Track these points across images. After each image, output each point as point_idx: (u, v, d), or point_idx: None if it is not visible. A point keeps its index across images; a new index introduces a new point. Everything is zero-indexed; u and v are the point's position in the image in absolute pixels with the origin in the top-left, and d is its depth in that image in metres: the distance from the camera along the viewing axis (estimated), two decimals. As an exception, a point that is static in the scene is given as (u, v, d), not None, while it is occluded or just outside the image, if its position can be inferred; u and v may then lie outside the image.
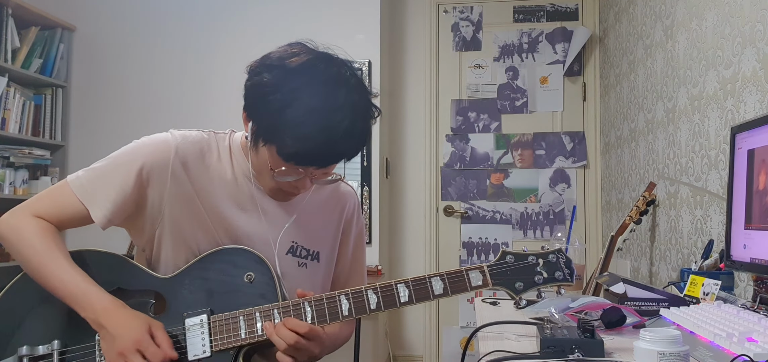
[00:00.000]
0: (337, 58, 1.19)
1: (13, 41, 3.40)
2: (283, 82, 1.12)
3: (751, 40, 1.71)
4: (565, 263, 1.18)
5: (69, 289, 1.14)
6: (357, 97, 1.15)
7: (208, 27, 3.67)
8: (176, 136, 1.25)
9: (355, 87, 1.16)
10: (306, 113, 1.10)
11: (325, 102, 1.11)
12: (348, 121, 1.11)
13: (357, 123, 1.13)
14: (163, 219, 1.23)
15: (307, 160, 1.15)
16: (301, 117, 1.10)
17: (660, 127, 2.50)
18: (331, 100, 1.11)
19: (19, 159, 3.46)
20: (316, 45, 1.20)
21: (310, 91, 1.11)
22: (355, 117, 1.13)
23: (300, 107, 1.10)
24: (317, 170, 1.18)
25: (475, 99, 3.94)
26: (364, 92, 1.18)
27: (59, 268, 1.15)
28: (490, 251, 3.84)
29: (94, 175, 1.22)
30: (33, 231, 1.17)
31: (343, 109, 1.11)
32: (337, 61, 1.18)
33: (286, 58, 1.15)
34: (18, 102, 3.42)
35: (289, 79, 1.12)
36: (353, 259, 1.43)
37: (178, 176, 1.22)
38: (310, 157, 1.14)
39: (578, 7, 3.90)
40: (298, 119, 1.10)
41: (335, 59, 1.18)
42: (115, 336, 1.10)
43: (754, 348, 0.88)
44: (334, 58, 1.18)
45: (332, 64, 1.16)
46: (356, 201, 1.44)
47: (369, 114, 1.18)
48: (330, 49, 1.21)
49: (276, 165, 1.16)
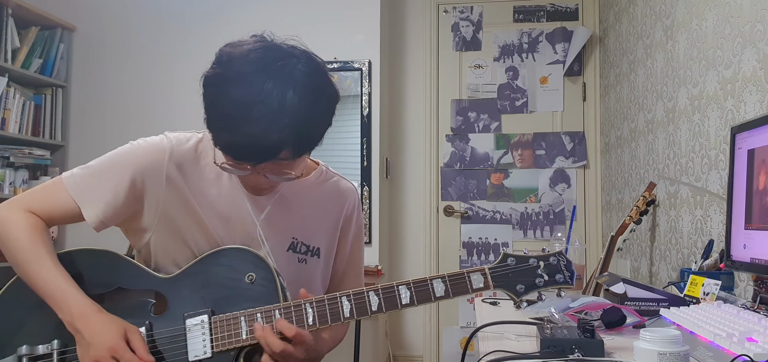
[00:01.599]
0: (287, 49, 1.10)
1: (13, 41, 3.40)
2: (218, 75, 1.08)
3: (751, 40, 1.71)
4: (565, 265, 1.18)
5: (49, 289, 1.14)
6: (293, 90, 1.05)
7: (207, 27, 3.67)
8: (171, 139, 1.25)
9: (297, 79, 1.06)
10: (230, 105, 1.05)
11: (249, 94, 1.04)
12: (271, 116, 1.03)
13: (283, 118, 1.04)
14: (159, 222, 1.23)
15: (237, 155, 1.09)
16: (225, 110, 1.05)
17: (660, 127, 2.50)
18: (255, 92, 1.04)
19: (19, 159, 3.46)
20: (272, 36, 1.12)
21: (237, 82, 1.05)
22: (282, 111, 1.04)
23: (226, 100, 1.05)
24: (264, 166, 1.11)
25: (475, 99, 3.94)
26: (309, 85, 1.07)
27: (42, 267, 1.15)
28: (490, 251, 3.84)
29: (88, 174, 1.22)
30: (21, 227, 1.17)
31: (268, 103, 1.03)
32: (281, 52, 1.09)
33: (231, 51, 1.09)
34: (18, 102, 3.42)
35: (224, 71, 1.08)
36: (350, 256, 1.43)
37: (173, 180, 1.22)
38: (238, 152, 1.08)
39: (578, 7, 3.90)
40: (224, 112, 1.05)
41: (281, 50, 1.09)
42: (90, 342, 1.09)
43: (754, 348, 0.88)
44: (280, 48, 1.10)
45: (272, 54, 1.08)
46: (356, 198, 1.44)
47: (312, 109, 1.08)
48: (291, 39, 1.13)
49: (220, 160, 1.14)
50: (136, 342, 1.11)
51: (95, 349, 1.08)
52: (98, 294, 1.17)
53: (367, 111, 3.52)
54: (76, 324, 1.11)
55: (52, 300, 1.14)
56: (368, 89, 3.53)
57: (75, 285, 1.15)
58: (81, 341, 1.11)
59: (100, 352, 1.08)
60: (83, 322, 1.11)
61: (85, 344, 1.10)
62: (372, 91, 3.54)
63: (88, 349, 1.09)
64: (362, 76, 3.53)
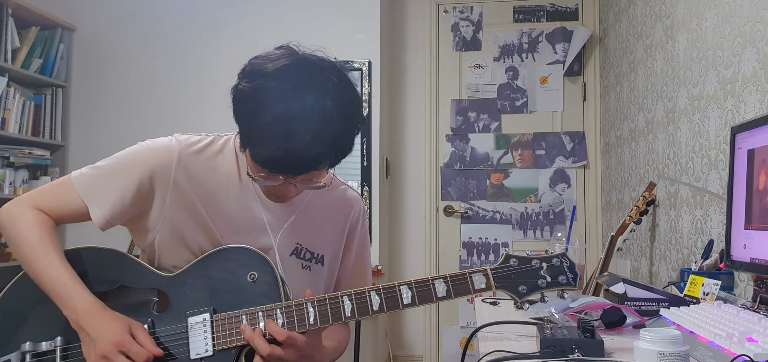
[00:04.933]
0: (317, 61, 1.13)
1: (13, 41, 3.40)
2: (256, 89, 1.08)
3: (751, 40, 1.72)
4: (568, 267, 1.18)
5: (55, 286, 1.14)
6: (331, 103, 1.07)
7: (208, 27, 3.68)
8: (180, 141, 1.25)
9: (332, 92, 1.08)
10: (272, 121, 1.06)
11: (291, 109, 1.05)
12: (314, 130, 1.05)
13: (326, 132, 1.06)
14: (164, 224, 1.23)
15: (276, 169, 1.11)
16: (267, 125, 1.06)
17: (660, 127, 2.50)
18: (298, 107, 1.05)
19: (19, 159, 3.47)
20: (301, 48, 1.15)
21: (278, 97, 1.06)
22: (324, 125, 1.06)
23: (267, 115, 1.06)
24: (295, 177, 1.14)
25: (475, 99, 3.94)
26: (343, 97, 1.10)
27: (49, 264, 1.15)
28: (490, 251, 3.85)
29: (97, 174, 1.23)
30: (30, 223, 1.18)
31: (310, 117, 1.05)
32: (314, 65, 1.11)
33: (264, 64, 1.11)
34: (18, 102, 3.42)
35: (261, 85, 1.08)
36: (356, 265, 1.43)
37: (180, 183, 1.22)
38: (278, 166, 1.10)
39: (578, 7, 3.90)
40: (265, 127, 1.06)
41: (313, 63, 1.12)
42: (95, 338, 1.09)
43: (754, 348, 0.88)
44: (312, 61, 1.12)
45: (307, 68, 1.10)
46: (362, 207, 1.44)
47: (347, 121, 1.10)
48: (318, 51, 1.15)
49: (254, 170, 1.16)
50: (142, 336, 1.12)
51: (101, 345, 1.09)
52: (102, 292, 1.18)
53: (367, 111, 3.52)
54: (80, 322, 1.11)
55: (57, 297, 1.14)
56: (368, 89, 3.54)
57: (81, 284, 1.15)
58: (85, 338, 1.11)
59: (107, 347, 1.08)
60: (87, 320, 1.11)
61: (89, 341, 1.10)
62: (372, 91, 3.54)
63: (93, 345, 1.09)
64: (362, 76, 3.54)
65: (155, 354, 1.11)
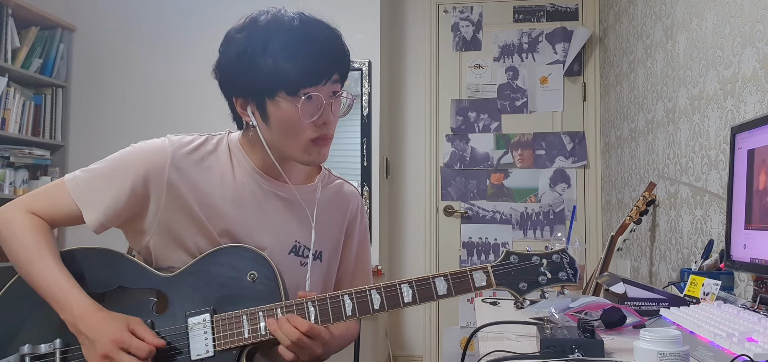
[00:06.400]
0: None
1: (13, 41, 3.40)
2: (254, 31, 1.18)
3: (751, 40, 1.72)
4: (569, 263, 1.18)
5: (51, 290, 1.14)
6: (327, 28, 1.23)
7: (208, 26, 3.67)
8: (173, 142, 1.25)
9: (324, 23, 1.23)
10: (289, 36, 1.16)
11: (293, 29, 1.17)
12: (323, 31, 1.20)
13: (331, 32, 1.21)
14: (159, 226, 1.23)
15: (309, 78, 1.16)
16: (285, 40, 1.15)
17: (660, 127, 2.50)
18: (299, 25, 1.18)
19: (19, 159, 3.47)
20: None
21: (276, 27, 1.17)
22: (327, 28, 1.21)
23: (284, 36, 1.16)
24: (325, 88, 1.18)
25: (475, 99, 3.94)
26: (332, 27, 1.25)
27: (45, 268, 1.15)
28: (490, 251, 3.85)
29: (90, 177, 1.23)
30: (25, 228, 1.18)
31: (313, 26, 1.20)
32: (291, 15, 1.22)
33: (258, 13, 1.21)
34: (18, 102, 3.42)
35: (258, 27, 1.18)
36: (357, 261, 1.43)
37: (174, 184, 1.22)
38: (308, 73, 1.16)
39: (578, 7, 3.90)
40: (284, 44, 1.15)
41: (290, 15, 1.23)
42: (94, 340, 1.09)
43: (754, 348, 0.88)
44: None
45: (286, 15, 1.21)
46: (360, 202, 1.44)
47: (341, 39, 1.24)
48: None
49: (290, 110, 1.17)
50: (142, 330, 1.11)
51: (101, 345, 1.08)
52: (99, 293, 1.17)
53: (367, 111, 3.52)
54: (78, 326, 1.11)
55: (54, 301, 1.14)
56: (368, 89, 3.53)
57: (77, 286, 1.15)
58: (85, 341, 1.11)
59: (107, 347, 1.08)
60: (84, 322, 1.11)
61: (88, 343, 1.10)
62: (372, 91, 3.54)
63: (93, 347, 1.09)
64: (362, 76, 3.53)
65: (157, 344, 1.11)
